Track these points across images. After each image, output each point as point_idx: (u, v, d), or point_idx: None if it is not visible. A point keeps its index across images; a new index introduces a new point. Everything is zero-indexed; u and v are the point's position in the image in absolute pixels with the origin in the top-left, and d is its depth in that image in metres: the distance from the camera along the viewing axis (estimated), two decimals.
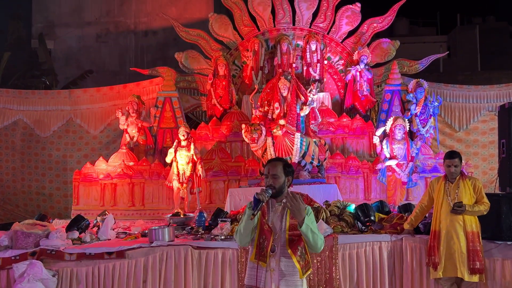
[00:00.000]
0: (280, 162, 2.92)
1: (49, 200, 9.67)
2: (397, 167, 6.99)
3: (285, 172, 2.87)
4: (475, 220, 4.36)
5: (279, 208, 2.87)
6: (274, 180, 2.82)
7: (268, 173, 2.87)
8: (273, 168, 2.86)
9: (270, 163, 2.93)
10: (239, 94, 9.41)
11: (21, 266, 4.58)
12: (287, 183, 2.88)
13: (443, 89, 9.69)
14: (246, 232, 2.80)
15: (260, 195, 2.71)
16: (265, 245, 2.79)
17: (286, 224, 2.81)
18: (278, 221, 2.84)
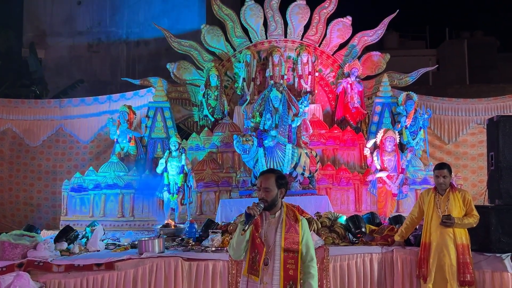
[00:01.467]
0: (272, 174, 2.84)
1: (37, 210, 9.52)
2: (387, 178, 7.04)
3: (278, 184, 2.79)
4: (465, 232, 4.38)
5: (273, 220, 2.81)
6: (266, 194, 2.76)
7: (260, 186, 2.80)
8: (266, 181, 2.79)
9: (263, 176, 2.85)
10: (230, 104, 9.44)
11: (7, 278, 4.49)
12: (280, 195, 2.82)
13: (433, 102, 9.81)
14: (238, 246, 2.75)
15: (252, 209, 2.66)
16: (257, 259, 2.72)
17: (281, 239, 2.74)
18: (272, 234, 2.77)
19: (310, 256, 2.79)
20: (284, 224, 2.76)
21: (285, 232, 2.74)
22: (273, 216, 2.81)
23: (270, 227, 2.79)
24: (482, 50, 18.59)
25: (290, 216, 2.81)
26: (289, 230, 2.76)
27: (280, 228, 2.76)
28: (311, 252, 2.80)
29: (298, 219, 2.81)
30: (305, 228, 2.81)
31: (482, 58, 18.31)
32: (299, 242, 2.76)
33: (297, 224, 2.79)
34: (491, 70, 17.75)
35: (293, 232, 2.76)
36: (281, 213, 2.82)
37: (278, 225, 2.78)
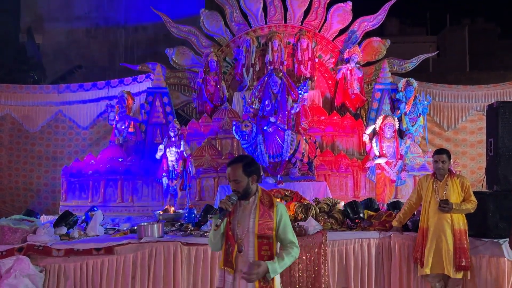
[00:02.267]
0: (239, 163, 2.70)
1: (36, 196, 9.56)
2: (386, 165, 7.05)
3: (246, 173, 2.68)
4: (462, 218, 4.40)
5: (247, 206, 2.73)
6: (237, 185, 2.67)
7: (229, 178, 2.71)
8: (233, 173, 2.68)
9: (229, 167, 2.73)
10: (230, 90, 9.40)
11: (7, 261, 4.52)
12: (251, 183, 2.71)
13: (432, 88, 9.78)
14: (215, 239, 2.72)
15: (224, 203, 2.59)
16: (230, 251, 2.66)
17: (254, 225, 2.66)
18: (246, 220, 2.70)
19: (289, 240, 2.72)
20: (257, 210, 2.68)
21: (259, 217, 2.66)
22: (247, 202, 2.73)
23: (244, 213, 2.72)
24: (483, 37, 18.51)
25: (265, 201, 2.73)
26: (263, 216, 2.68)
27: (254, 214, 2.68)
28: (289, 236, 2.72)
29: (274, 204, 2.72)
30: (281, 213, 2.71)
31: (483, 45, 18.22)
32: (273, 228, 2.68)
33: (272, 210, 2.70)
34: (492, 57, 17.67)
35: (267, 218, 2.68)
36: (255, 198, 2.74)
37: (251, 211, 2.70)
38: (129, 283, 4.65)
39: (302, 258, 4.69)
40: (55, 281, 4.62)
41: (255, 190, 2.75)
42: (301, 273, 4.67)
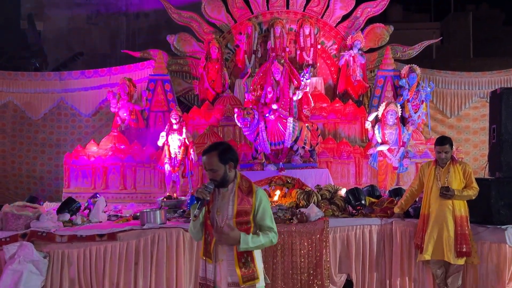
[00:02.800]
0: (214, 152, 2.61)
1: (40, 183, 9.62)
2: (388, 152, 7.04)
3: (223, 160, 2.60)
4: (464, 204, 4.40)
5: (226, 193, 2.67)
6: (213, 174, 2.60)
7: (205, 168, 2.64)
8: (208, 162, 2.60)
9: (204, 156, 2.63)
10: (231, 77, 9.34)
11: (11, 247, 4.57)
12: (229, 170, 2.63)
13: (436, 75, 9.71)
14: (196, 229, 2.67)
15: (201, 193, 2.52)
16: (209, 241, 2.62)
17: (233, 211, 2.61)
18: (225, 207, 2.64)
19: (267, 225, 2.65)
20: (236, 196, 2.62)
21: (238, 204, 2.61)
22: (226, 189, 2.67)
23: (223, 201, 2.66)
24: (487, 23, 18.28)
25: (243, 187, 2.67)
26: (242, 202, 2.62)
27: (232, 201, 2.62)
28: (268, 222, 2.66)
29: (253, 190, 2.67)
30: (261, 198, 2.65)
31: (487, 31, 18.01)
32: (251, 212, 2.63)
33: (251, 195, 2.64)
34: (496, 43, 17.48)
35: (246, 204, 2.63)
36: (233, 185, 2.67)
37: (230, 198, 2.64)
38: (132, 268, 4.69)
39: (304, 245, 4.72)
40: (59, 267, 4.67)
41: (233, 177, 2.67)
42: (302, 259, 4.70)
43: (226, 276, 2.58)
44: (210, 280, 2.61)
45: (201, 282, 2.68)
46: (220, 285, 2.60)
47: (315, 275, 4.67)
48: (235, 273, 2.57)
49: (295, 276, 4.68)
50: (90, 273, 4.70)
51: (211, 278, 2.61)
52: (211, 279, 2.61)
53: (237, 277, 2.57)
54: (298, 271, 4.68)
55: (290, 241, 4.72)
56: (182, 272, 4.70)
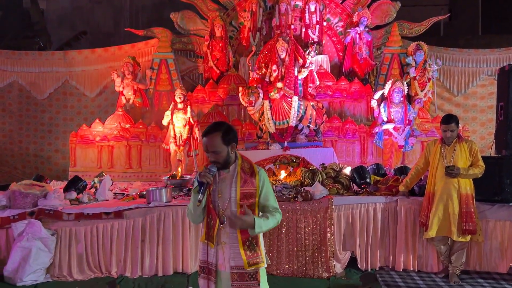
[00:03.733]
0: (217, 133, 2.48)
1: (47, 162, 9.71)
2: (394, 130, 7.00)
3: (226, 141, 2.49)
4: (469, 182, 4.39)
5: (227, 175, 2.56)
6: (216, 156, 2.48)
7: (207, 149, 2.50)
8: (211, 143, 2.47)
9: (206, 137, 2.50)
10: (236, 56, 9.26)
11: (20, 225, 4.63)
12: (231, 151, 2.54)
13: (443, 52, 9.56)
14: (196, 213, 2.56)
15: (204, 177, 2.42)
16: (212, 225, 2.53)
17: (236, 194, 2.52)
18: (227, 189, 2.54)
19: (272, 206, 2.59)
20: (239, 178, 2.52)
21: (240, 186, 2.51)
22: (227, 170, 2.56)
23: (224, 182, 2.55)
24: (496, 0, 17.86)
25: (246, 169, 2.57)
26: (245, 184, 2.53)
27: (235, 183, 2.52)
28: (272, 202, 2.60)
29: (255, 171, 2.57)
30: (264, 179, 2.57)
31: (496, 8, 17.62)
32: (255, 195, 2.54)
33: (254, 177, 2.55)
34: (505, 19, 17.11)
35: (249, 186, 2.53)
36: (235, 166, 2.57)
37: (232, 180, 2.54)
38: (139, 246, 4.76)
39: (308, 222, 4.75)
40: (67, 244, 4.74)
41: (234, 158, 2.57)
42: (307, 236, 4.74)
43: (229, 260, 2.51)
44: (212, 264, 2.54)
45: (202, 266, 2.59)
46: (222, 269, 2.54)
47: (319, 253, 4.72)
48: (239, 257, 2.50)
49: (300, 253, 4.73)
50: (98, 250, 4.78)
51: (212, 261, 2.54)
52: (212, 262, 2.54)
53: (242, 261, 2.49)
54: (303, 249, 4.72)
55: (294, 219, 4.75)
56: (188, 250, 4.76)
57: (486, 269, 4.70)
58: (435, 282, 4.44)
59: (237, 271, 2.51)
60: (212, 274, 2.54)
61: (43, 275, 4.63)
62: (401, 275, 4.62)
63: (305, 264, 4.70)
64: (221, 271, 2.54)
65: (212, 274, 2.54)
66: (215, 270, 2.54)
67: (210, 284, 2.54)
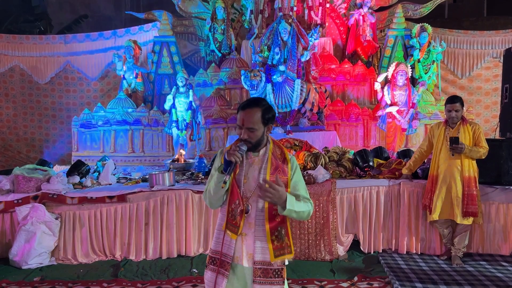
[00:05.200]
0: (257, 108, 2.20)
1: (52, 147, 9.75)
2: (397, 113, 6.95)
3: (264, 120, 2.21)
4: (473, 165, 4.36)
5: (256, 159, 2.28)
6: (251, 134, 2.19)
7: (242, 125, 2.20)
8: (249, 119, 2.18)
9: (245, 111, 2.20)
10: (238, 39, 9.18)
11: (24, 209, 4.65)
12: (267, 132, 2.27)
13: (448, 34, 9.45)
14: (217, 196, 2.24)
15: (233, 155, 2.13)
16: (238, 213, 2.22)
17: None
18: (255, 175, 2.25)
19: (303, 196, 2.30)
20: (269, 164, 2.24)
21: (271, 173, 2.22)
22: (256, 154, 2.28)
23: (252, 167, 2.26)
24: None
25: (277, 154, 2.30)
26: (276, 171, 2.24)
27: (265, 169, 2.23)
28: (302, 192, 2.31)
29: (287, 158, 2.31)
30: (296, 167, 2.32)
31: None
32: (287, 184, 2.25)
33: (286, 164, 2.28)
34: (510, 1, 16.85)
35: (280, 173, 2.24)
36: (266, 151, 2.29)
37: (262, 165, 2.25)
38: (143, 229, 4.78)
39: None
40: (71, 228, 4.77)
41: (266, 141, 2.29)
42: (310, 219, 4.74)
43: (250, 253, 2.22)
44: (227, 256, 2.24)
45: (214, 256, 2.29)
46: (239, 262, 2.24)
47: (322, 235, 4.73)
48: (266, 250, 2.20)
49: (303, 236, 4.74)
50: (102, 233, 4.80)
51: (229, 253, 2.24)
52: (229, 255, 2.24)
53: (268, 253, 2.19)
54: (306, 231, 4.73)
55: None
56: (191, 233, 4.78)
57: (489, 251, 4.71)
58: (438, 264, 4.45)
59: (261, 267, 2.21)
60: (225, 267, 2.24)
61: (48, 258, 4.67)
62: (404, 258, 4.64)
63: (308, 247, 4.72)
64: (237, 264, 2.25)
65: (226, 267, 2.24)
66: (230, 263, 2.24)
67: (219, 278, 2.24)
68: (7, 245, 4.78)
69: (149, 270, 4.45)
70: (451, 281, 3.94)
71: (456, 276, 4.10)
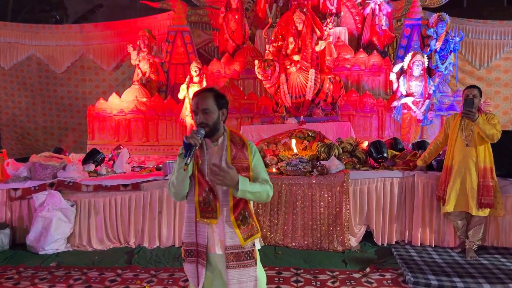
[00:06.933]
0: (210, 93, 2.32)
1: (72, 134, 9.90)
2: (413, 104, 6.86)
3: (218, 104, 2.30)
4: (489, 155, 4.28)
5: (216, 148, 2.34)
6: (206, 116, 2.26)
7: (197, 108, 2.28)
8: (202, 101, 2.27)
9: (198, 96, 2.32)
10: (252, 28, 9.13)
11: (40, 196, 4.74)
12: (222, 117, 2.33)
13: (466, 24, 9.27)
14: (181, 184, 2.26)
15: (191, 138, 2.18)
16: (211, 199, 2.26)
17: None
18: (216, 163, 2.27)
19: (263, 178, 2.36)
20: (229, 150, 2.31)
21: (231, 159, 2.29)
22: (216, 143, 2.34)
23: (214, 156, 2.32)
24: None
25: (236, 140, 2.36)
26: (236, 157, 2.31)
27: (225, 156, 2.30)
28: (263, 175, 2.38)
29: (246, 143, 2.38)
30: (255, 151, 2.39)
31: None
32: (249, 167, 2.33)
33: (245, 149, 2.35)
34: None
35: (241, 158, 2.32)
36: (224, 139, 2.36)
37: (222, 153, 2.32)
38: (156, 217, 4.83)
39: (324, 196, 4.74)
40: (86, 215, 4.85)
41: (222, 130, 2.37)
42: (322, 210, 4.74)
43: (222, 239, 2.28)
44: (202, 245, 2.29)
45: (189, 248, 2.33)
46: (213, 251, 2.30)
47: (334, 226, 4.72)
48: (234, 235, 2.26)
49: (315, 227, 4.74)
50: (116, 221, 4.88)
51: (203, 243, 2.29)
52: (203, 244, 2.29)
53: (238, 239, 2.26)
54: (318, 222, 4.73)
55: (310, 193, 4.75)
56: None
57: (504, 244, 4.64)
58: (452, 257, 4.41)
59: (233, 251, 2.27)
60: (202, 257, 2.29)
61: (63, 244, 4.76)
62: (417, 250, 4.61)
63: (320, 238, 4.72)
64: (211, 253, 2.31)
65: (203, 256, 2.29)
66: (205, 252, 2.29)
67: (199, 268, 2.30)
68: (24, 231, 4.89)
69: (162, 258, 4.50)
70: (465, 274, 3.90)
71: (470, 269, 4.06)
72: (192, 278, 2.34)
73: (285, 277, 3.92)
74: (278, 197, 4.77)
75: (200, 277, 2.31)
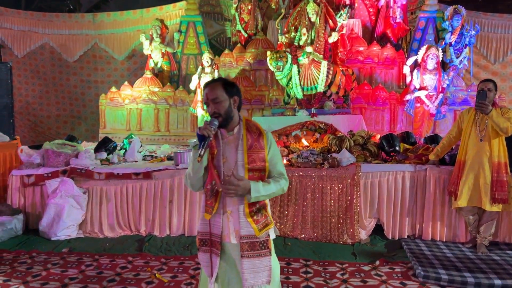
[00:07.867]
0: (218, 82, 2.31)
1: (84, 123, 9.98)
2: (426, 98, 6.79)
3: (228, 92, 2.28)
4: (503, 150, 4.22)
5: (231, 138, 2.32)
6: (217, 106, 2.25)
7: (208, 99, 2.28)
8: (212, 92, 2.26)
9: (207, 87, 2.31)
10: (264, 19, 9.08)
11: (53, 182, 4.80)
12: (234, 105, 2.31)
13: (482, 18, 9.12)
14: (196, 175, 2.28)
15: (204, 129, 2.17)
16: (215, 192, 2.27)
17: (243, 157, 2.28)
18: (232, 153, 2.29)
19: (278, 171, 2.37)
20: (245, 140, 2.29)
21: (248, 149, 2.28)
22: (231, 133, 2.32)
23: (229, 146, 2.30)
24: None
25: (252, 130, 2.34)
26: (252, 147, 2.29)
27: (242, 146, 2.28)
28: (279, 167, 2.37)
29: (262, 132, 2.35)
30: (271, 141, 2.36)
31: None
32: (265, 158, 2.31)
33: (261, 138, 2.33)
34: None
35: (257, 148, 2.30)
36: (240, 128, 2.33)
37: (238, 142, 2.29)
38: (167, 206, 4.87)
39: (334, 189, 4.73)
40: (98, 202, 4.90)
41: (238, 119, 2.35)
42: (333, 202, 4.73)
43: (237, 229, 2.28)
44: (216, 235, 2.29)
45: (203, 238, 2.34)
46: (227, 240, 2.30)
47: (344, 219, 4.72)
48: (249, 225, 2.27)
49: (325, 219, 4.74)
50: (127, 209, 4.92)
51: (217, 233, 2.29)
52: (217, 233, 2.29)
53: (252, 229, 2.26)
54: (328, 214, 4.73)
55: (320, 185, 4.74)
56: None
57: None
58: (462, 252, 4.38)
59: (248, 241, 2.27)
60: (217, 246, 2.29)
61: (75, 231, 4.82)
62: (427, 244, 4.58)
63: (329, 230, 4.72)
64: (226, 242, 2.30)
65: (217, 246, 2.29)
66: (220, 242, 2.29)
67: (213, 257, 2.31)
68: (37, 217, 4.96)
69: (173, 246, 4.54)
70: (476, 269, 3.88)
71: (481, 264, 4.03)
72: (206, 267, 2.35)
73: (294, 268, 3.94)
74: (289, 189, 4.77)
75: (214, 266, 2.31)
